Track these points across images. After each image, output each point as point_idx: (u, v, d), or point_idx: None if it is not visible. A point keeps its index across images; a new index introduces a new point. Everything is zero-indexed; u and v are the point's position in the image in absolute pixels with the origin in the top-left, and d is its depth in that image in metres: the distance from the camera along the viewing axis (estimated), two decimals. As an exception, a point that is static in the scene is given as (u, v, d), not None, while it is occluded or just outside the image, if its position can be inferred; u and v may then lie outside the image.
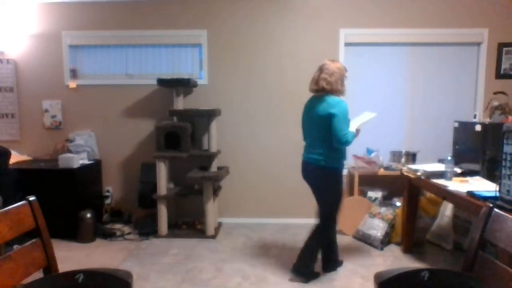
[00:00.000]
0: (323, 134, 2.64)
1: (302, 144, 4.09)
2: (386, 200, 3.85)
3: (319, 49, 4.06)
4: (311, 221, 4.19)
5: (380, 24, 4.02)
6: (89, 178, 3.97)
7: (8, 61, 4.20)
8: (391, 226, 3.47)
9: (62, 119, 4.25)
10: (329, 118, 2.58)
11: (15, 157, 3.91)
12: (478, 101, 4.07)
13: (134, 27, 4.12)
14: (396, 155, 3.90)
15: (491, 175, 2.81)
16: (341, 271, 2.96)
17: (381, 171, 3.79)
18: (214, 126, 3.85)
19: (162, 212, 3.74)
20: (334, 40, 4.05)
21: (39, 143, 4.27)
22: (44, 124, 4.25)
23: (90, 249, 3.46)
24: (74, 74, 4.26)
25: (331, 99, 2.62)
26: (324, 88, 2.64)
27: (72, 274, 1.29)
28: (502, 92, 3.60)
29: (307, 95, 4.07)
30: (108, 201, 4.24)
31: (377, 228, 3.47)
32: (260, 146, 4.18)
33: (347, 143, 2.60)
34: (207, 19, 4.09)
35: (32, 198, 1.44)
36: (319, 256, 2.86)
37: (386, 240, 3.45)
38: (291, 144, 4.15)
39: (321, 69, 2.72)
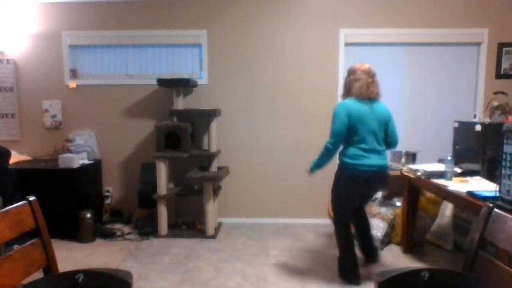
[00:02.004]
0: (383, 138, 2.68)
1: (302, 144, 4.13)
2: (386, 200, 3.84)
3: (319, 49, 4.06)
4: (311, 221, 4.19)
5: (380, 24, 4.02)
6: (89, 178, 3.98)
7: (8, 61, 4.20)
8: (391, 226, 3.47)
9: (62, 119, 4.25)
10: (388, 121, 2.68)
11: (15, 157, 3.91)
12: (478, 101, 4.07)
13: (134, 27, 4.12)
14: (396, 155, 3.90)
15: (491, 175, 2.81)
16: (341, 271, 2.96)
17: (381, 171, 3.78)
18: (214, 126, 3.85)
19: (162, 212, 3.74)
20: (334, 40, 4.05)
21: (39, 143, 4.27)
22: (44, 124, 4.25)
23: (90, 249, 3.46)
24: (74, 74, 4.26)
25: (380, 102, 2.68)
26: (376, 97, 2.65)
27: (72, 274, 1.29)
28: (502, 92, 3.60)
29: (307, 94, 4.10)
30: (108, 201, 4.24)
31: (377, 228, 3.47)
32: (260, 146, 4.18)
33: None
34: (207, 19, 4.09)
35: (32, 198, 1.44)
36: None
37: (386, 240, 3.45)
38: (291, 144, 4.15)
39: (369, 74, 2.64)
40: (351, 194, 2.66)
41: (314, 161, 2.69)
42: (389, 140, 2.71)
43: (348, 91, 2.68)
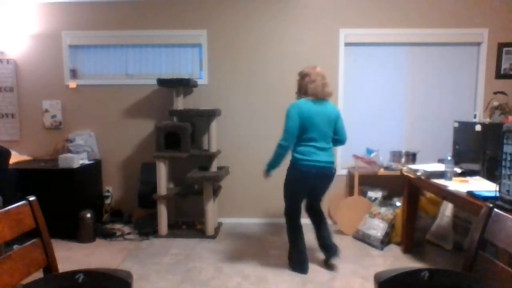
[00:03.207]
0: (332, 136, 2.86)
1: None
2: (386, 200, 3.85)
3: (319, 49, 4.06)
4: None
5: (380, 24, 4.02)
6: (89, 178, 3.97)
7: (8, 61, 4.20)
8: (391, 226, 3.47)
9: (62, 119, 4.25)
10: (337, 120, 2.86)
11: (15, 157, 3.91)
12: (478, 101, 4.07)
13: (134, 27, 4.12)
14: (396, 155, 3.90)
15: (491, 175, 2.81)
16: (341, 271, 2.96)
17: (381, 171, 3.79)
18: (214, 126, 3.85)
19: (162, 212, 3.74)
20: (334, 40, 4.05)
21: (39, 143, 4.27)
22: (44, 124, 4.25)
23: (90, 249, 3.46)
24: (74, 74, 4.26)
25: (330, 102, 2.86)
26: (329, 97, 2.85)
27: (72, 274, 1.29)
28: (502, 92, 3.60)
29: (307, 95, 4.10)
30: (108, 201, 4.24)
31: (377, 228, 3.47)
32: (260, 146, 4.18)
33: None
34: (207, 19, 4.09)
35: (32, 198, 1.44)
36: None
37: (386, 240, 3.45)
38: (291, 144, 4.15)
39: (322, 76, 2.83)
40: (301, 189, 2.84)
41: (269, 162, 2.86)
42: (337, 137, 2.91)
43: (304, 92, 2.84)
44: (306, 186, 2.82)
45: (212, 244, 3.57)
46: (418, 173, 3.02)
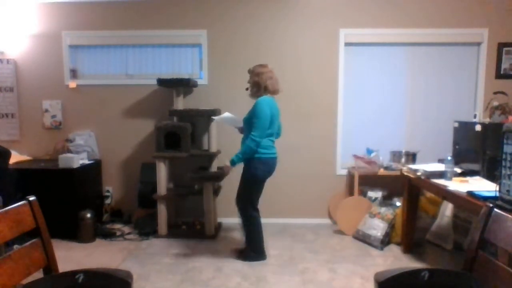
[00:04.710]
0: None
1: (302, 144, 4.14)
2: (386, 200, 3.85)
3: (319, 49, 4.06)
4: (311, 221, 4.20)
5: (380, 24, 4.02)
6: (89, 178, 3.98)
7: (8, 61, 4.20)
8: (391, 226, 3.47)
9: (62, 119, 4.25)
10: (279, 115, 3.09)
11: (15, 157, 3.91)
12: (478, 101, 4.07)
13: (134, 27, 4.12)
14: (396, 155, 3.90)
15: (491, 175, 2.81)
16: (341, 271, 2.96)
17: (381, 171, 3.79)
18: (214, 126, 3.85)
19: (162, 212, 3.74)
20: (334, 40, 4.05)
21: (39, 143, 4.27)
22: (44, 124, 4.25)
23: (90, 249, 3.46)
24: (74, 74, 4.26)
25: None
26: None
27: (72, 274, 1.29)
28: (502, 92, 3.60)
29: (307, 95, 4.10)
30: (108, 201, 4.24)
31: (377, 228, 3.47)
32: (260, 146, 4.17)
33: None
34: (207, 19, 4.09)
35: (32, 198, 1.44)
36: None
37: (386, 240, 3.45)
38: (291, 144, 4.14)
39: (273, 73, 3.05)
40: (263, 181, 3.04)
41: (239, 156, 2.96)
42: (278, 132, 3.19)
43: (264, 89, 2.99)
44: (267, 178, 3.04)
45: (212, 244, 3.57)
46: (418, 173, 3.01)
